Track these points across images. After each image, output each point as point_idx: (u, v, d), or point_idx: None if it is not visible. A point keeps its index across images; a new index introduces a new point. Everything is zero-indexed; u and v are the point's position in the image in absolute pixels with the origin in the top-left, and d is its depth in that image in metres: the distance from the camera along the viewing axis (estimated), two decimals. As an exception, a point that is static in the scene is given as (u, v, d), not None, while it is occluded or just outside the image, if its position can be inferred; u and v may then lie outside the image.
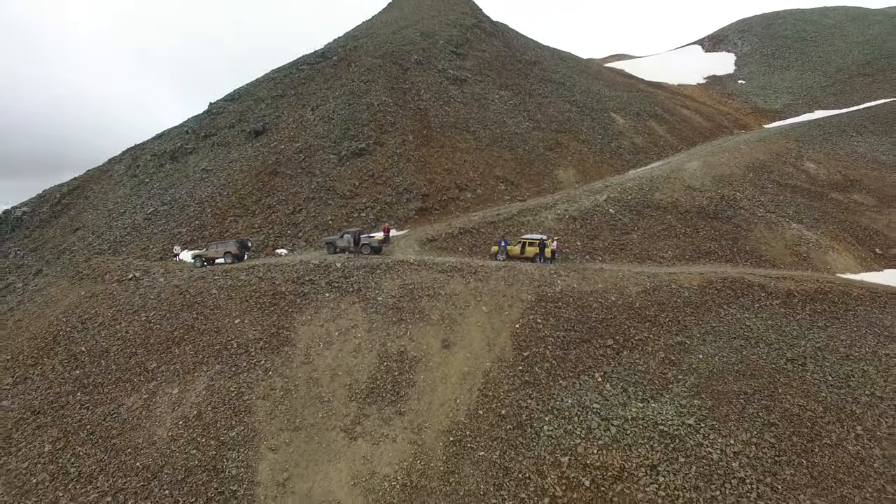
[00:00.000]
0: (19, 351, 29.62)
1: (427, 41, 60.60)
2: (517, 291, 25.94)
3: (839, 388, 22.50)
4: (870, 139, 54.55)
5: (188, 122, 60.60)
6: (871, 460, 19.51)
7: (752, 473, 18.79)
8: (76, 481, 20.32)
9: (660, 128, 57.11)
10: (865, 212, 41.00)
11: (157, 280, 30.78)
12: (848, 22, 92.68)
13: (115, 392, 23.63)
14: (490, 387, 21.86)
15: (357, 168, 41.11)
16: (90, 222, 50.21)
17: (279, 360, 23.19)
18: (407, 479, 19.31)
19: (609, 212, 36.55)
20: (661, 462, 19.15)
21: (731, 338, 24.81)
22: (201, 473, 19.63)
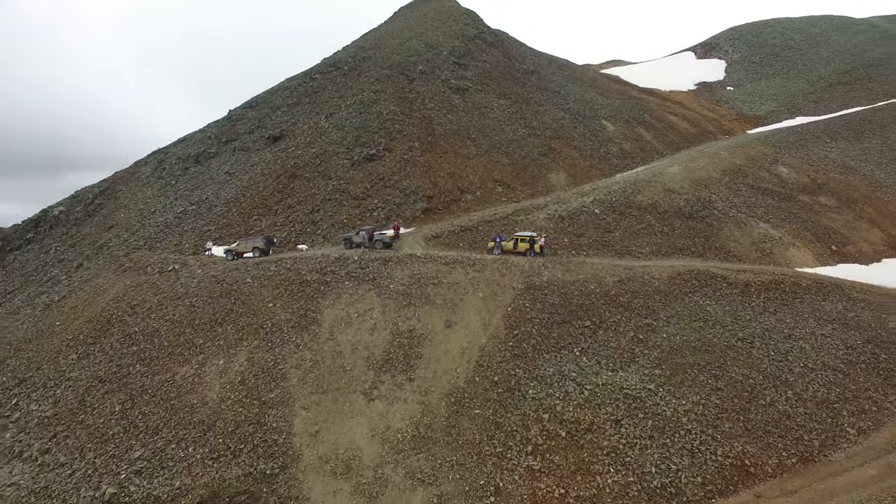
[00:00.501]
0: (78, 332, 33.91)
1: (431, 52, 64.61)
2: (509, 281, 30.06)
3: (779, 361, 26.58)
4: (842, 145, 58.41)
5: (209, 127, 64.84)
6: (795, 416, 23.63)
7: (698, 426, 22.92)
8: (144, 433, 24.55)
9: (647, 134, 61.12)
10: (827, 212, 44.98)
11: (196, 271, 34.98)
12: (833, 31, 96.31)
13: (169, 364, 27.84)
14: (485, 359, 26.01)
15: (368, 172, 45.29)
16: (123, 221, 54.51)
17: (307, 337, 27.37)
18: (416, 432, 23.47)
19: (594, 212, 40.64)
20: (624, 417, 23.27)
21: (692, 320, 28.88)
22: (248, 426, 23.84)
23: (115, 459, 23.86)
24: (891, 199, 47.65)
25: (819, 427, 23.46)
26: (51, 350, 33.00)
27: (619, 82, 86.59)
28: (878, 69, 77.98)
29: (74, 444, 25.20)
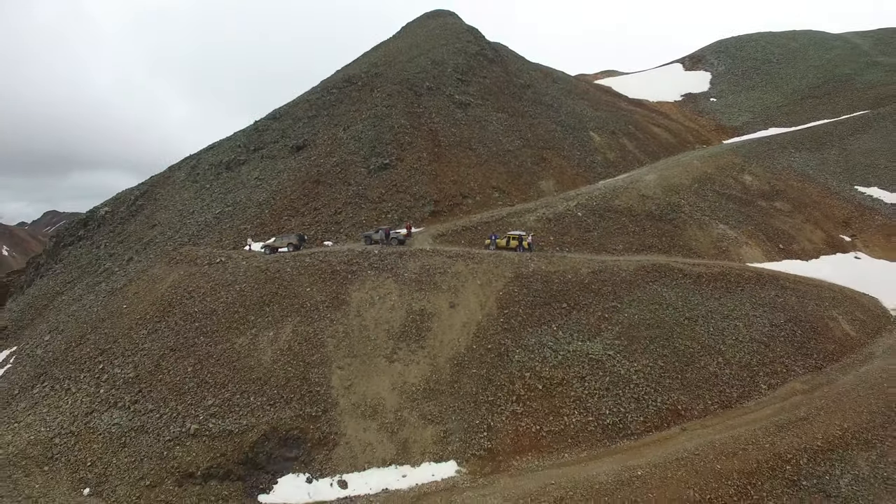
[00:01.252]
0: (145, 312, 40.43)
1: (437, 69, 70.99)
2: (502, 271, 36.52)
3: (715, 336, 32.97)
4: (804, 155, 64.64)
5: (236, 136, 71.42)
6: (721, 376, 30.06)
7: (644, 381, 29.35)
8: (214, 387, 31.06)
9: (630, 144, 67.47)
10: (780, 216, 51.30)
11: (241, 263, 41.48)
12: (810, 46, 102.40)
13: (228, 335, 34.34)
14: (481, 331, 32.47)
15: (383, 179, 51.82)
16: (164, 220, 61.13)
17: (339, 314, 33.89)
18: (426, 386, 29.95)
19: (577, 215, 47.07)
20: (587, 375, 29.72)
21: (649, 303, 35.27)
22: (296, 381, 30.35)
23: (192, 406, 30.39)
24: (837, 204, 53.94)
25: (739, 384, 29.89)
26: (123, 327, 39.58)
27: (611, 94, 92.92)
28: (846, 84, 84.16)
29: (158, 396, 31.73)
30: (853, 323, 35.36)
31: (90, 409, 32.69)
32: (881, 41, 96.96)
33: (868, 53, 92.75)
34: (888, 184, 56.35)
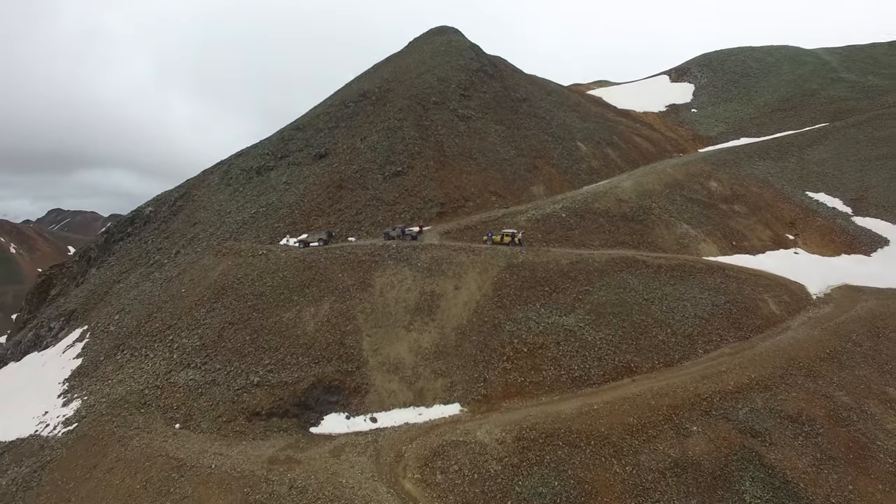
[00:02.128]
0: (202, 295, 48.43)
1: (442, 85, 78.84)
2: (496, 261, 44.45)
3: (667, 313, 40.86)
4: (767, 164, 72.41)
5: (263, 144, 79.53)
6: (668, 343, 37.95)
7: (606, 346, 37.29)
8: (268, 351, 39.04)
9: (613, 153, 75.36)
10: (737, 217, 59.16)
11: (280, 255, 49.43)
12: (785, 61, 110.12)
13: (276, 311, 42.31)
14: (479, 308, 40.43)
15: (396, 185, 59.81)
16: (204, 219, 69.21)
17: (366, 294, 41.87)
18: (436, 349, 37.91)
19: (561, 215, 55.00)
20: (562, 341, 37.65)
21: (616, 288, 43.14)
22: (335, 345, 38.34)
23: (253, 365, 38.39)
24: (787, 207, 61.73)
25: (681, 349, 37.81)
26: (184, 307, 47.61)
27: (600, 104, 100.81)
28: (812, 98, 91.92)
29: (223, 359, 39.73)
30: (779, 304, 43.24)
31: (168, 369, 40.72)
32: (848, 58, 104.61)
33: (835, 69, 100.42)
34: (832, 190, 64.18)
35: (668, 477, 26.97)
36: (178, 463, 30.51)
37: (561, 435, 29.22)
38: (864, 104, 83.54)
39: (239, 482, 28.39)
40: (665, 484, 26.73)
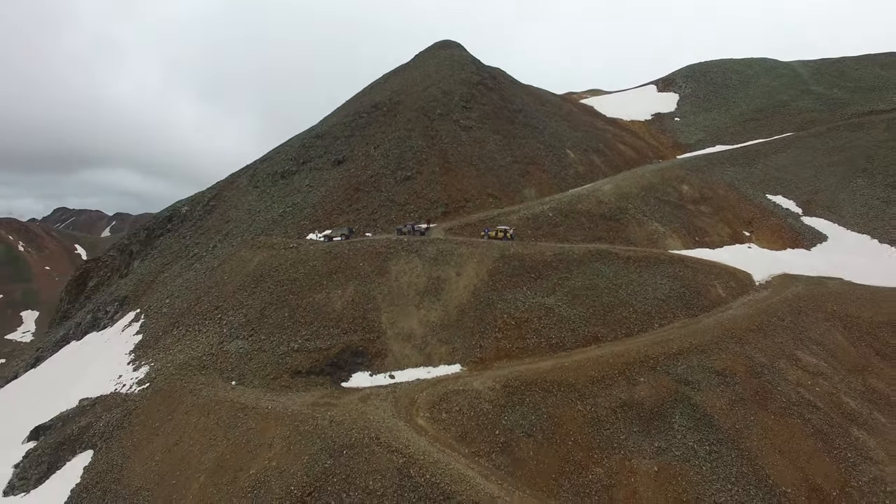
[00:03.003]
0: (242, 281, 56.85)
1: (446, 98, 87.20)
2: (491, 253, 52.72)
3: (631, 296, 49.04)
4: (735, 169, 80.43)
5: (285, 150, 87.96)
6: (629, 318, 46.16)
7: (578, 321, 45.54)
8: (304, 325, 47.40)
9: (598, 160, 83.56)
10: (702, 216, 67.31)
11: (309, 248, 57.83)
12: (763, 73, 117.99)
13: (309, 293, 50.65)
14: (477, 290, 48.74)
15: (406, 188, 68.16)
16: (236, 217, 77.71)
17: (383, 280, 50.21)
18: (441, 322, 46.22)
19: (548, 215, 63.27)
20: (543, 316, 45.89)
21: (590, 275, 51.32)
22: (359, 320, 46.70)
23: (292, 336, 46.75)
24: (747, 208, 69.79)
25: (640, 323, 46.00)
26: (228, 291, 56.08)
27: (590, 113, 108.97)
28: (783, 109, 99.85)
29: (266, 331, 48.11)
30: (726, 289, 51.41)
31: (220, 340, 49.22)
32: (818, 71, 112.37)
33: (806, 82, 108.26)
34: (788, 193, 72.21)
35: (617, 413, 35.22)
36: (241, 406, 38.95)
37: (538, 384, 37.51)
38: (827, 116, 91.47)
39: (290, 418, 36.74)
40: (615, 417, 34.98)
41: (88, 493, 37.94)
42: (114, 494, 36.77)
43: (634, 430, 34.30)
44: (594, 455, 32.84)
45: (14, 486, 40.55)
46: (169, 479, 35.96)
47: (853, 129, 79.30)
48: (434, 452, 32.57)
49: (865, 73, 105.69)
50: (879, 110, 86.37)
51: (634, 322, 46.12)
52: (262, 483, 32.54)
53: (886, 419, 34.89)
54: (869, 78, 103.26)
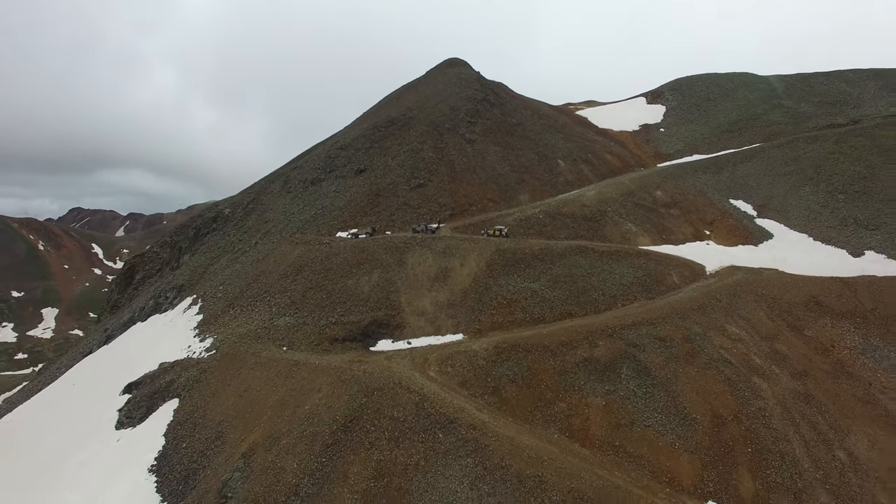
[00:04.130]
0: (285, 271, 68.34)
1: (453, 113, 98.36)
2: (489, 247, 63.76)
3: (603, 282, 59.82)
4: (707, 177, 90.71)
5: (313, 160, 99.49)
6: (600, 299, 57.01)
7: (556, 301, 56.45)
8: (340, 304, 58.71)
9: (586, 168, 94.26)
10: (671, 218, 77.86)
11: (339, 244, 69.16)
12: (742, 86, 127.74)
13: (342, 279, 61.96)
14: (477, 277, 59.81)
15: (419, 194, 79.38)
16: (273, 218, 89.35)
17: (402, 268, 61.44)
18: (448, 302, 57.37)
19: (539, 216, 74.17)
20: (528, 298, 56.85)
21: (570, 266, 62.13)
22: (382, 300, 57.97)
23: (329, 312, 58.10)
24: (710, 211, 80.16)
25: (606, 303, 56.81)
26: (273, 279, 67.59)
27: (584, 125, 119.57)
28: (755, 121, 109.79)
29: (308, 309, 59.47)
30: (681, 277, 62.06)
31: (270, 318, 60.73)
32: (791, 86, 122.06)
33: (779, 96, 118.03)
34: (747, 197, 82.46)
35: (579, 366, 46.12)
36: (294, 363, 50.35)
37: (521, 346, 48.52)
38: (791, 128, 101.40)
39: (333, 370, 48.03)
40: (577, 369, 45.88)
41: (182, 426, 49.56)
42: (202, 426, 48.35)
43: (591, 378, 45.22)
44: (560, 395, 43.83)
45: (122, 422, 52.28)
46: (243, 414, 47.44)
47: (809, 142, 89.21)
48: (441, 393, 43.70)
49: (832, 88, 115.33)
50: (836, 124, 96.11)
51: (602, 302, 56.96)
52: (315, 414, 43.83)
53: (779, 370, 45.48)
54: (834, 93, 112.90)
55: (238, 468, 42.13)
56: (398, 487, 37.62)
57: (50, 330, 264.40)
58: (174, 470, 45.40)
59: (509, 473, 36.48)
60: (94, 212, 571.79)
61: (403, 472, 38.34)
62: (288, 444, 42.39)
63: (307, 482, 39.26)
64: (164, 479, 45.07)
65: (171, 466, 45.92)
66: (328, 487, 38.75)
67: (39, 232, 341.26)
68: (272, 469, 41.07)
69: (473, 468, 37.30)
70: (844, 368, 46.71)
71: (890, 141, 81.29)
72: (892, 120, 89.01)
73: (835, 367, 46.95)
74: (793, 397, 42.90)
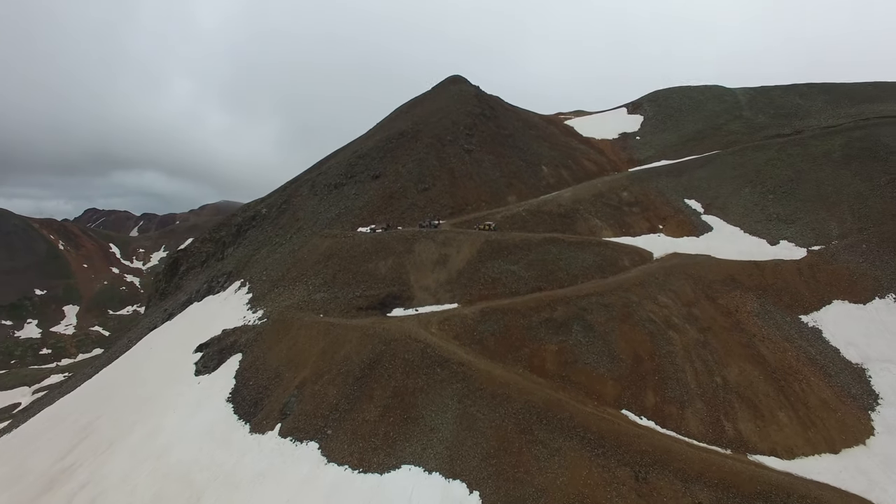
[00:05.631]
0: (317, 259, 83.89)
1: (454, 127, 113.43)
2: (479, 238, 78.84)
3: (567, 265, 74.70)
4: (668, 180, 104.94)
5: (336, 167, 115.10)
6: (563, 278, 71.98)
7: (530, 278, 71.52)
8: (363, 281, 74.11)
9: (566, 174, 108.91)
10: (632, 215, 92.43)
11: (360, 237, 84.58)
12: (711, 99, 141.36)
13: (364, 264, 77.30)
14: (469, 262, 74.94)
15: (425, 196, 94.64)
16: (303, 216, 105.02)
17: (410, 255, 76.75)
18: (447, 280, 72.61)
19: (522, 214, 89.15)
20: (508, 276, 71.92)
21: (543, 252, 77.01)
22: (396, 279, 73.36)
23: (355, 288, 73.52)
24: (666, 209, 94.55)
25: (569, 281, 71.63)
26: (308, 265, 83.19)
27: (569, 134, 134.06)
28: (717, 131, 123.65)
29: (338, 287, 74.91)
30: (631, 261, 76.71)
31: (307, 294, 76.36)
32: (754, 98, 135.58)
33: (741, 107, 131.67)
34: (698, 197, 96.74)
35: (541, 324, 61.11)
36: (331, 324, 65.84)
37: (500, 310, 63.63)
38: (746, 137, 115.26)
39: (360, 328, 63.39)
40: (540, 326, 60.86)
41: (247, 371, 65.28)
42: (263, 369, 64.02)
43: (549, 332, 60.28)
44: (525, 343, 58.97)
45: (200, 370, 68.11)
46: (294, 360, 63.02)
47: (756, 150, 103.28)
48: (440, 343, 58.97)
49: (786, 101, 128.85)
50: (783, 134, 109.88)
51: (565, 280, 71.94)
52: (347, 358, 59.28)
53: (690, 326, 60.22)
54: (788, 105, 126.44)
55: (293, 395, 57.74)
56: (408, 403, 52.97)
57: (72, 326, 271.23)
58: (245, 399, 61.11)
59: (485, 393, 51.67)
60: (109, 212, 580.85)
61: (412, 393, 53.66)
62: (329, 378, 57.91)
63: (343, 402, 54.73)
64: (238, 405, 60.77)
65: (242, 397, 61.64)
66: (358, 405, 54.18)
67: (59, 232, 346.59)
68: (318, 395, 56.61)
69: (461, 390, 52.54)
70: (740, 325, 61.37)
71: (819, 150, 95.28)
72: (827, 131, 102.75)
73: (733, 324, 61.64)
74: (694, 344, 57.72)
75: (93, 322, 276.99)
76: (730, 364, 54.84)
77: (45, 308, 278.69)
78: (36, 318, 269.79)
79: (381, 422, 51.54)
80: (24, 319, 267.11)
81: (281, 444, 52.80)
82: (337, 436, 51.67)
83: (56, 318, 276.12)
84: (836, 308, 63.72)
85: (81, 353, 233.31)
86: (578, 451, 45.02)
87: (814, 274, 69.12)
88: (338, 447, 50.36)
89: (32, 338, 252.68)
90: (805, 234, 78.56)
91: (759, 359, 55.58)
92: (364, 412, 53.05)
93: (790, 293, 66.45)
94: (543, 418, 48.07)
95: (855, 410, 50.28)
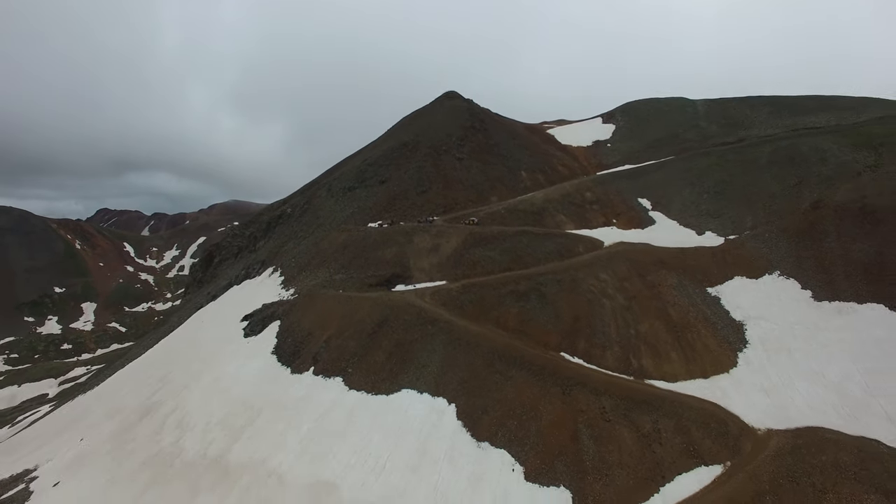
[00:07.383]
0: (336, 249, 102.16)
1: (448, 138, 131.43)
2: (465, 231, 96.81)
3: (534, 251, 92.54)
4: (627, 182, 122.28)
5: (349, 173, 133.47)
6: (529, 262, 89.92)
7: (504, 261, 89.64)
8: (372, 266, 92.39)
9: (541, 177, 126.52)
10: (593, 212, 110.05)
11: (370, 230, 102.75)
12: (675, 109, 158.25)
13: (375, 251, 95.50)
14: (456, 249, 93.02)
15: (423, 198, 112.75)
16: (322, 215, 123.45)
17: (410, 244, 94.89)
18: (439, 263, 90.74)
19: (501, 212, 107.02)
20: (487, 260, 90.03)
21: (515, 242, 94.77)
22: (399, 261, 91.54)
23: (366, 271, 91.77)
24: (621, 207, 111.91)
25: (534, 263, 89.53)
26: (328, 254, 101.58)
27: (549, 142, 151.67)
28: (675, 139, 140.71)
29: (353, 270, 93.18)
30: (585, 248, 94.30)
31: (329, 275, 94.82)
32: (711, 109, 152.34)
33: (699, 117, 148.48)
34: (648, 196, 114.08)
35: (508, 295, 78.99)
36: (348, 296, 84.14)
37: (477, 285, 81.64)
38: (696, 145, 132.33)
39: (370, 299, 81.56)
40: (507, 296, 78.72)
41: (286, 332, 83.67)
42: (298, 330, 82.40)
43: (513, 300, 78.22)
44: (494, 308, 76.97)
45: (247, 333, 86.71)
46: (321, 323, 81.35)
47: (702, 156, 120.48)
48: (431, 308, 77.07)
49: (738, 112, 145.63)
50: (727, 142, 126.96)
51: (530, 263, 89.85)
52: (362, 320, 77.55)
53: (620, 295, 78.06)
54: (738, 116, 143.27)
55: (322, 346, 76.18)
56: (407, 350, 71.21)
57: (90, 323, 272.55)
58: (286, 351, 79.53)
59: (463, 341, 69.78)
60: (121, 212, 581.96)
61: (410, 343, 71.87)
62: (349, 334, 76.25)
63: (359, 350, 73.03)
64: (281, 355, 79.18)
65: (283, 350, 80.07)
66: (370, 352, 72.46)
67: (76, 232, 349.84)
68: (341, 346, 74.98)
69: (445, 340, 70.66)
70: (659, 295, 79.10)
71: (750, 156, 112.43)
72: (762, 140, 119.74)
73: (654, 294, 79.38)
74: (620, 308, 75.61)
75: (109, 318, 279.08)
76: (643, 321, 72.66)
77: (64, 305, 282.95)
78: (56, 315, 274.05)
79: (387, 362, 69.76)
80: (45, 316, 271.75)
81: (315, 379, 71.19)
82: (355, 373, 69.99)
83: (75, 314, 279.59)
84: (735, 282, 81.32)
85: (100, 348, 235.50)
86: (525, 378, 63.08)
87: (724, 257, 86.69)
88: (356, 380, 68.64)
89: (54, 334, 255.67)
90: (725, 226, 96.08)
91: (666, 318, 73.35)
92: (375, 356, 71.30)
93: (703, 271, 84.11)
94: (503, 357, 66.12)
95: (728, 352, 68.04)
